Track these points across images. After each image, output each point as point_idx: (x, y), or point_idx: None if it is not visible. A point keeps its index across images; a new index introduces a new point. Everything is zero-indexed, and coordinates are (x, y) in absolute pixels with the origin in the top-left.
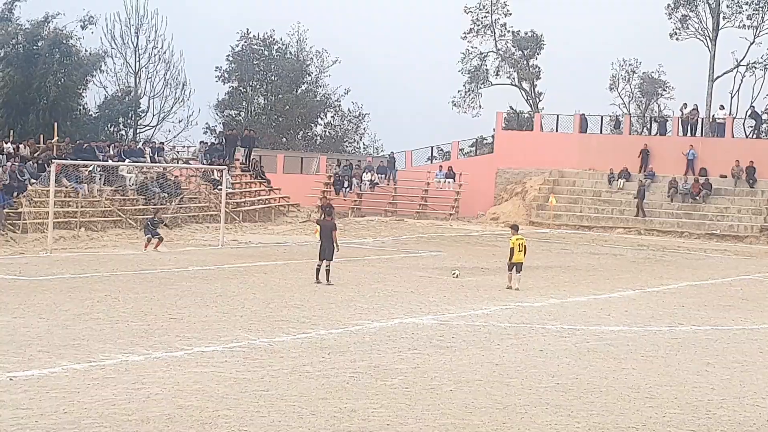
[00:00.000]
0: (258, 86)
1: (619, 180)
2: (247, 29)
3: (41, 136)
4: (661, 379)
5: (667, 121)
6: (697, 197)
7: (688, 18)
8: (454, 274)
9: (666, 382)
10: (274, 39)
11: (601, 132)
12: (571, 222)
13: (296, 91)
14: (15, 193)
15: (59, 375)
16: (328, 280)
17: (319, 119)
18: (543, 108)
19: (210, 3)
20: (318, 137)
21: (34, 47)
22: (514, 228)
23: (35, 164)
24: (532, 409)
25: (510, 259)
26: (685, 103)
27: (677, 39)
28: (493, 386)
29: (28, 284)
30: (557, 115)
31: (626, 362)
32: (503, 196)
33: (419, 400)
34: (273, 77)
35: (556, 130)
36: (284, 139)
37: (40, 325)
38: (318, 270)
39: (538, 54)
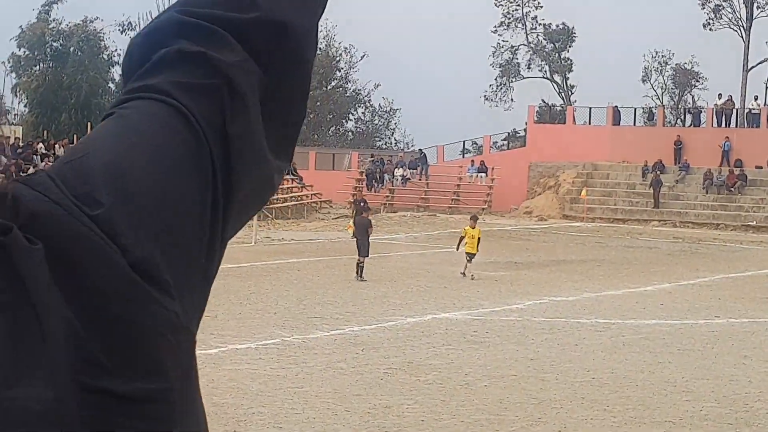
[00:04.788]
0: None
1: (654, 172)
2: None
3: (75, 135)
4: (697, 373)
5: (701, 112)
6: (733, 189)
7: (721, 8)
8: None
9: (703, 376)
10: None
11: (634, 124)
12: (605, 215)
13: (326, 87)
14: None
15: None
16: (362, 276)
17: (350, 115)
18: (575, 101)
19: None
20: (349, 133)
21: (64, 46)
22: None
23: None
24: (567, 403)
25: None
26: (720, 94)
27: (711, 29)
28: (528, 381)
29: None
30: (590, 108)
31: (662, 356)
32: (536, 189)
33: (454, 395)
34: None
35: (589, 123)
36: (315, 136)
37: None
38: (358, 265)
39: (569, 47)
